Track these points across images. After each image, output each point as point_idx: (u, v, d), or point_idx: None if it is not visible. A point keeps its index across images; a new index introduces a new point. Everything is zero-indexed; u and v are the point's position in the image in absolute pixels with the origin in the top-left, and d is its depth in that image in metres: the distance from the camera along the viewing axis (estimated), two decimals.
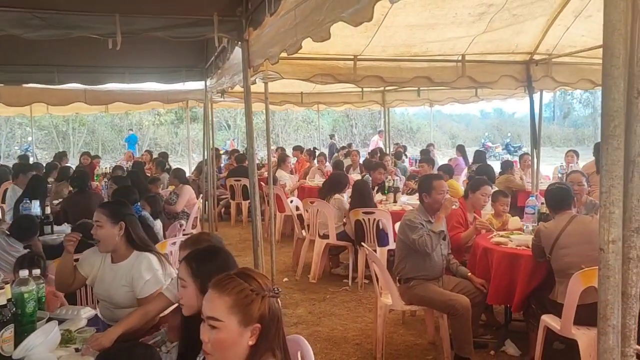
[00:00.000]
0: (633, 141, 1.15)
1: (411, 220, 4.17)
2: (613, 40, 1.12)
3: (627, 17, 1.12)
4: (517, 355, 4.14)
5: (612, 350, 1.17)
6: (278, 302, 1.72)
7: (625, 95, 1.14)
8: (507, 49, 5.97)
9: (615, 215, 1.15)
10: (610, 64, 1.13)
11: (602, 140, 1.16)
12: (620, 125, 1.14)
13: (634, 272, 1.17)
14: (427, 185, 4.31)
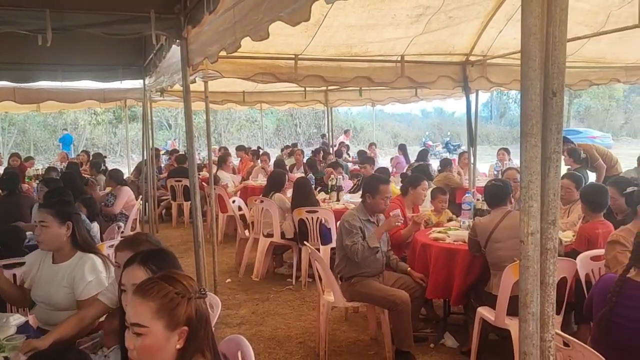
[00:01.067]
0: (549, 139, 1.22)
1: (349, 223, 4.19)
2: (529, 43, 1.19)
3: (542, 22, 1.19)
4: (455, 347, 4.27)
5: (532, 336, 1.24)
6: (205, 303, 1.72)
7: (542, 95, 1.21)
8: (444, 50, 6.15)
9: (533, 209, 1.22)
10: (527, 66, 1.20)
11: (521, 138, 1.23)
12: (537, 124, 1.20)
13: (551, 262, 1.25)
14: (373, 186, 4.33)
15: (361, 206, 4.38)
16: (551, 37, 1.20)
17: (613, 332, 2.39)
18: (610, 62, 7.43)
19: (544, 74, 1.21)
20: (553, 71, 1.21)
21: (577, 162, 7.07)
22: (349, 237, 4.13)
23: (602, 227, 3.90)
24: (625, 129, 36.96)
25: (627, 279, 2.43)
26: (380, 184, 4.32)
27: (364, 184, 4.52)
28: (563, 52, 1.21)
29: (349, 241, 4.10)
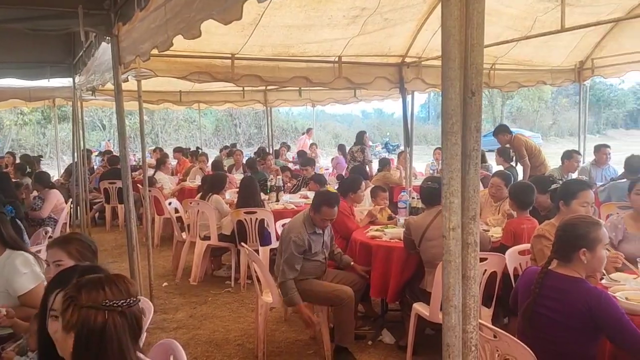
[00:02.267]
0: (469, 137, 1.26)
1: (295, 243, 4.04)
2: (449, 45, 1.23)
3: (461, 24, 1.23)
4: (392, 343, 4.34)
5: (455, 328, 1.28)
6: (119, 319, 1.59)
7: (462, 95, 1.25)
8: (380, 51, 6.26)
9: (454, 204, 1.26)
10: (447, 67, 1.24)
11: (442, 136, 1.27)
12: (458, 123, 1.25)
13: (472, 256, 1.29)
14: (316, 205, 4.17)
15: (308, 219, 4.22)
16: (469, 39, 1.24)
17: (537, 323, 2.50)
18: (537, 65, 7.80)
19: (463, 75, 1.25)
20: (471, 72, 1.25)
21: (507, 161, 7.36)
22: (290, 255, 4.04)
23: (527, 222, 4.08)
24: (554, 129, 38.87)
25: (549, 271, 2.55)
26: (322, 206, 4.14)
27: (313, 199, 4.34)
28: (480, 53, 1.26)
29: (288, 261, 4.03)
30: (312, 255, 4.18)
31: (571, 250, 2.52)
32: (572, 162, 7.16)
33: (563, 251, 2.55)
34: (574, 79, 8.20)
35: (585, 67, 8.01)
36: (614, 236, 3.64)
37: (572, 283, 2.46)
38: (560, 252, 2.57)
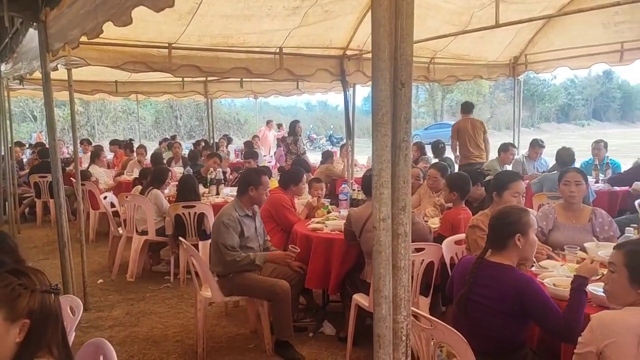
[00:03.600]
0: (399, 128, 1.26)
1: (226, 225, 4.05)
2: (379, 35, 1.22)
3: (390, 15, 1.23)
4: (333, 335, 4.37)
5: (385, 318, 1.29)
6: (57, 300, 1.68)
7: (392, 86, 1.25)
8: (322, 43, 6.25)
9: (384, 195, 1.26)
10: (377, 57, 1.23)
11: (372, 127, 1.26)
12: (387, 114, 1.24)
13: (402, 246, 1.30)
14: (256, 179, 4.26)
15: (237, 201, 4.28)
16: (399, 30, 1.24)
17: (471, 310, 2.57)
18: (474, 60, 8.02)
19: (393, 66, 1.25)
20: (401, 63, 1.25)
21: (439, 154, 7.56)
22: (225, 237, 4.03)
23: (463, 213, 4.19)
24: (491, 122, 40.13)
25: (483, 260, 2.63)
26: (262, 176, 4.32)
27: (245, 177, 4.45)
28: (410, 44, 1.26)
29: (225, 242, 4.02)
30: (246, 240, 4.15)
31: (507, 237, 2.60)
32: (507, 154, 7.42)
33: (498, 239, 2.63)
34: (508, 73, 8.49)
35: (519, 62, 8.31)
36: (544, 225, 3.78)
37: (503, 270, 2.55)
38: (495, 240, 2.64)
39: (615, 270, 2.08)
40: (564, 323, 2.36)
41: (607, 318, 1.99)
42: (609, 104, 49.37)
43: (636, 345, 1.88)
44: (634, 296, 2.01)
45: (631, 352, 1.88)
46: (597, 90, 48.60)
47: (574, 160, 6.47)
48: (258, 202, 4.34)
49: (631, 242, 2.22)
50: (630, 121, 48.30)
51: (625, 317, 1.96)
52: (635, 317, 1.94)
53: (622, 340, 1.90)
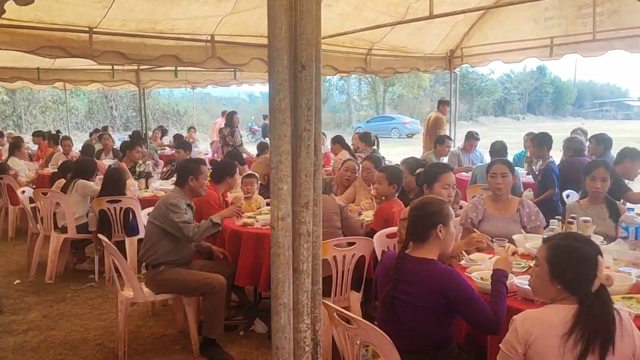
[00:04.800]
0: (299, 115, 1.13)
1: (175, 205, 3.93)
2: (275, 9, 1.08)
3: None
4: (265, 332, 4.23)
5: (284, 328, 1.15)
6: None
7: (290, 68, 1.11)
8: (256, 31, 6.06)
9: (283, 191, 1.13)
10: (274, 35, 1.09)
11: (269, 114, 1.12)
12: (286, 99, 1.11)
13: (304, 247, 1.17)
14: (195, 168, 4.14)
15: (179, 190, 4.13)
16: (299, 4, 1.10)
17: (397, 309, 2.48)
18: (411, 52, 8.04)
19: (293, 46, 1.11)
20: (301, 42, 1.11)
21: (369, 146, 7.53)
22: (177, 216, 3.89)
23: (396, 206, 4.13)
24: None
25: (405, 255, 2.55)
26: (201, 165, 4.22)
27: (184, 167, 4.28)
28: (311, 22, 1.13)
29: (181, 219, 3.88)
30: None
31: (428, 229, 2.53)
32: (443, 147, 7.47)
33: (419, 231, 2.56)
34: (445, 66, 8.58)
35: (456, 55, 8.41)
36: (474, 216, 3.78)
37: (426, 265, 2.47)
38: (417, 232, 2.57)
39: (539, 264, 2.04)
40: (492, 315, 2.31)
41: (529, 318, 1.94)
42: (542, 98, 51.40)
43: (558, 345, 1.84)
44: (554, 292, 1.97)
45: (554, 352, 1.84)
46: (531, 85, 50.49)
47: (506, 153, 6.59)
48: (198, 193, 4.21)
49: (556, 236, 2.18)
50: (561, 115, 50.51)
51: (547, 316, 1.92)
52: (556, 316, 1.90)
53: (544, 340, 1.86)
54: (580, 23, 6.58)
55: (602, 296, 1.92)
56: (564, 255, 1.98)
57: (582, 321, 1.85)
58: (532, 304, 2.39)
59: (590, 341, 1.82)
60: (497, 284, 2.43)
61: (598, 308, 1.88)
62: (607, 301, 1.92)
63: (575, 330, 1.84)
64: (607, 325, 1.86)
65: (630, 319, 1.96)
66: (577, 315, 1.87)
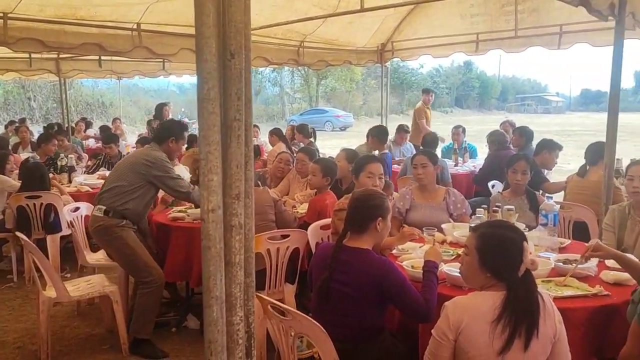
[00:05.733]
0: (229, 105, 1.11)
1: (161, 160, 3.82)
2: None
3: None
4: (198, 328, 4.16)
5: (217, 322, 1.13)
6: None
7: (219, 57, 1.09)
8: (185, 21, 5.89)
9: (214, 182, 1.10)
10: (201, 22, 1.06)
11: (198, 103, 1.09)
12: (215, 88, 1.08)
13: (236, 239, 1.15)
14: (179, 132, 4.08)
15: (156, 147, 3.96)
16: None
17: (332, 298, 2.51)
18: (343, 45, 8.10)
19: (222, 34, 1.09)
20: (230, 30, 1.09)
21: (306, 137, 7.56)
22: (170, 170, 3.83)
23: (329, 198, 4.17)
24: (364, 109, 41.57)
25: (342, 245, 2.58)
26: (185, 132, 4.28)
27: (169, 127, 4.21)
28: (240, 10, 1.10)
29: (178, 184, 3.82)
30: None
31: (369, 220, 2.57)
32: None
33: (359, 221, 2.60)
34: (376, 59, 8.69)
35: (386, 49, 8.53)
36: (401, 205, 3.89)
37: (361, 255, 2.51)
38: (356, 222, 2.60)
39: (469, 253, 2.10)
40: (424, 303, 2.38)
41: (460, 306, 2.00)
42: (469, 92, 53.33)
43: (488, 331, 1.91)
44: (483, 279, 2.04)
45: (483, 338, 1.91)
46: (458, 79, 52.26)
47: (437, 144, 6.80)
48: (172, 156, 4.11)
49: (484, 224, 2.27)
50: (487, 109, 52.67)
51: (477, 303, 1.99)
52: (485, 303, 1.97)
53: (475, 327, 1.93)
54: (504, 20, 6.84)
55: (528, 280, 2.00)
56: (491, 243, 2.04)
57: (510, 307, 1.93)
58: (460, 290, 2.48)
59: (516, 326, 1.90)
60: (428, 274, 2.50)
61: (524, 292, 1.96)
62: (532, 285, 2.01)
63: (504, 316, 1.91)
64: (533, 309, 1.94)
65: (552, 302, 2.07)
66: (505, 301, 1.94)
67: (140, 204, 3.83)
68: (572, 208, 4.32)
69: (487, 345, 1.91)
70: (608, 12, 3.47)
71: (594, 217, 4.12)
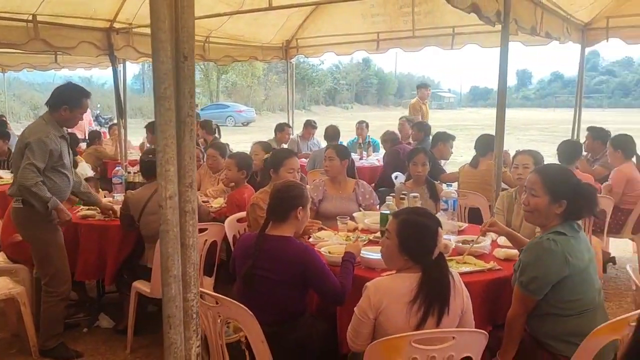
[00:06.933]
0: (183, 103, 1.22)
1: (44, 141, 3.39)
2: (158, 4, 1.16)
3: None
4: (112, 327, 4.11)
5: (175, 298, 1.25)
6: None
7: (174, 59, 1.20)
8: (85, 13, 5.72)
9: (170, 172, 1.21)
10: (157, 27, 1.16)
11: (155, 102, 1.20)
12: (171, 87, 1.19)
13: (190, 224, 1.27)
14: (77, 101, 3.59)
15: (50, 118, 3.54)
16: (179, 2, 1.19)
17: (256, 285, 2.65)
18: (249, 41, 8.19)
19: (175, 38, 1.20)
20: (183, 35, 1.20)
21: (210, 134, 7.61)
22: (32, 155, 3.36)
23: (247, 191, 4.29)
24: (266, 104, 41.63)
25: (265, 235, 2.72)
26: (84, 99, 3.63)
27: (62, 93, 3.59)
28: (191, 17, 1.22)
29: (36, 168, 3.36)
30: (62, 165, 3.55)
31: (290, 209, 2.74)
32: (283, 134, 7.78)
33: (281, 211, 2.75)
34: (281, 56, 8.86)
35: (291, 46, 8.73)
36: (315, 196, 4.10)
37: (284, 242, 2.68)
38: (278, 212, 2.76)
39: (390, 237, 2.30)
40: (340, 288, 2.58)
41: (382, 286, 2.21)
42: (368, 89, 55.18)
43: (405, 311, 2.14)
44: (402, 262, 2.27)
45: (400, 317, 2.14)
46: (358, 76, 53.85)
47: (339, 136, 7.08)
48: (67, 124, 3.67)
49: (405, 211, 2.50)
50: (385, 105, 54.77)
51: (396, 284, 2.21)
52: (404, 284, 2.20)
53: (393, 306, 2.15)
54: (402, 21, 7.27)
55: (440, 263, 2.25)
56: (410, 229, 2.26)
57: (425, 288, 2.16)
58: (374, 272, 2.72)
59: (430, 306, 2.14)
60: (346, 263, 2.72)
61: (437, 274, 2.20)
62: (445, 267, 2.25)
63: (419, 297, 2.15)
64: (444, 290, 2.19)
65: (460, 280, 2.35)
66: (420, 283, 2.18)
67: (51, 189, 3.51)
68: (467, 195, 4.75)
69: (404, 322, 2.14)
70: (495, 19, 3.88)
71: (487, 203, 4.57)
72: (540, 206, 2.45)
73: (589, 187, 2.50)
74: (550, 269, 2.30)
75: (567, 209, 2.41)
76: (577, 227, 2.45)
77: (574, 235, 2.38)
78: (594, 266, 2.44)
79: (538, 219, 2.51)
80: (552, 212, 2.43)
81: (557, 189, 2.42)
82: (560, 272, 2.30)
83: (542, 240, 2.36)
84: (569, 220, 2.43)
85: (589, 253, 2.44)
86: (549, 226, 2.44)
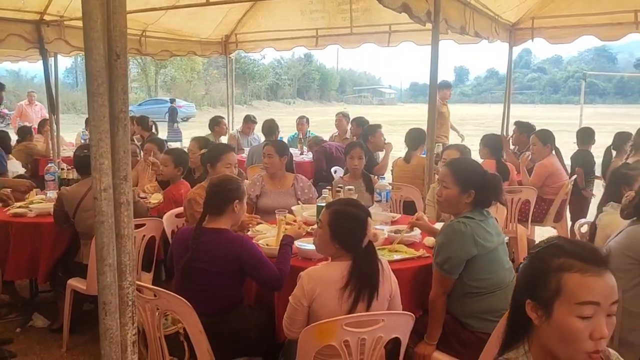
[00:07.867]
0: (116, 99, 1.27)
1: None
2: (90, 4, 1.21)
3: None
4: (47, 326, 4.03)
5: (110, 286, 1.31)
6: None
7: (106, 57, 1.25)
8: (12, 5, 5.54)
9: (105, 166, 1.27)
10: (90, 27, 1.21)
11: (88, 98, 1.24)
12: (104, 84, 1.24)
13: (125, 214, 1.33)
14: None
15: None
16: (111, 1, 1.25)
17: (195, 277, 2.69)
18: (188, 36, 8.11)
19: (108, 37, 1.25)
20: (115, 34, 1.25)
21: (146, 130, 7.53)
22: None
23: (183, 187, 4.30)
24: (206, 99, 41.03)
25: (202, 228, 2.77)
26: None
27: None
28: (123, 16, 1.27)
29: None
30: None
31: (227, 202, 2.80)
32: (221, 127, 7.74)
33: (218, 204, 2.81)
34: (221, 51, 8.82)
35: (231, 41, 8.70)
36: (252, 192, 4.17)
37: (220, 234, 2.74)
38: (215, 205, 2.81)
39: (322, 227, 2.41)
40: (278, 274, 2.67)
41: (315, 275, 2.33)
42: (310, 84, 55.42)
43: (337, 297, 2.27)
44: (334, 250, 2.39)
45: (333, 303, 2.26)
46: (300, 71, 53.96)
47: (276, 130, 7.13)
48: None
49: (336, 202, 2.61)
50: (327, 100, 55.21)
51: (328, 273, 2.33)
52: (335, 272, 2.32)
53: (326, 293, 2.27)
54: (340, 18, 7.39)
55: (370, 251, 2.38)
56: (341, 219, 2.37)
57: (355, 275, 2.29)
58: (310, 262, 2.82)
59: (360, 292, 2.27)
60: (284, 247, 2.82)
61: (366, 261, 2.33)
62: (374, 255, 2.39)
63: (350, 283, 2.27)
64: (373, 276, 2.32)
65: (389, 267, 2.49)
66: (351, 270, 2.30)
67: None
68: (402, 188, 4.95)
69: (336, 308, 2.26)
70: (426, 18, 4.06)
71: (420, 195, 4.78)
72: (451, 196, 2.68)
73: (494, 177, 2.76)
74: (460, 248, 2.54)
75: (476, 198, 2.66)
76: (486, 214, 2.70)
77: (482, 220, 2.63)
78: (503, 248, 2.69)
79: (450, 208, 2.76)
80: (462, 202, 2.67)
81: (466, 180, 2.66)
82: (469, 251, 2.53)
83: (453, 223, 2.62)
84: (478, 208, 2.66)
85: (499, 237, 2.69)
86: (461, 214, 2.67)
